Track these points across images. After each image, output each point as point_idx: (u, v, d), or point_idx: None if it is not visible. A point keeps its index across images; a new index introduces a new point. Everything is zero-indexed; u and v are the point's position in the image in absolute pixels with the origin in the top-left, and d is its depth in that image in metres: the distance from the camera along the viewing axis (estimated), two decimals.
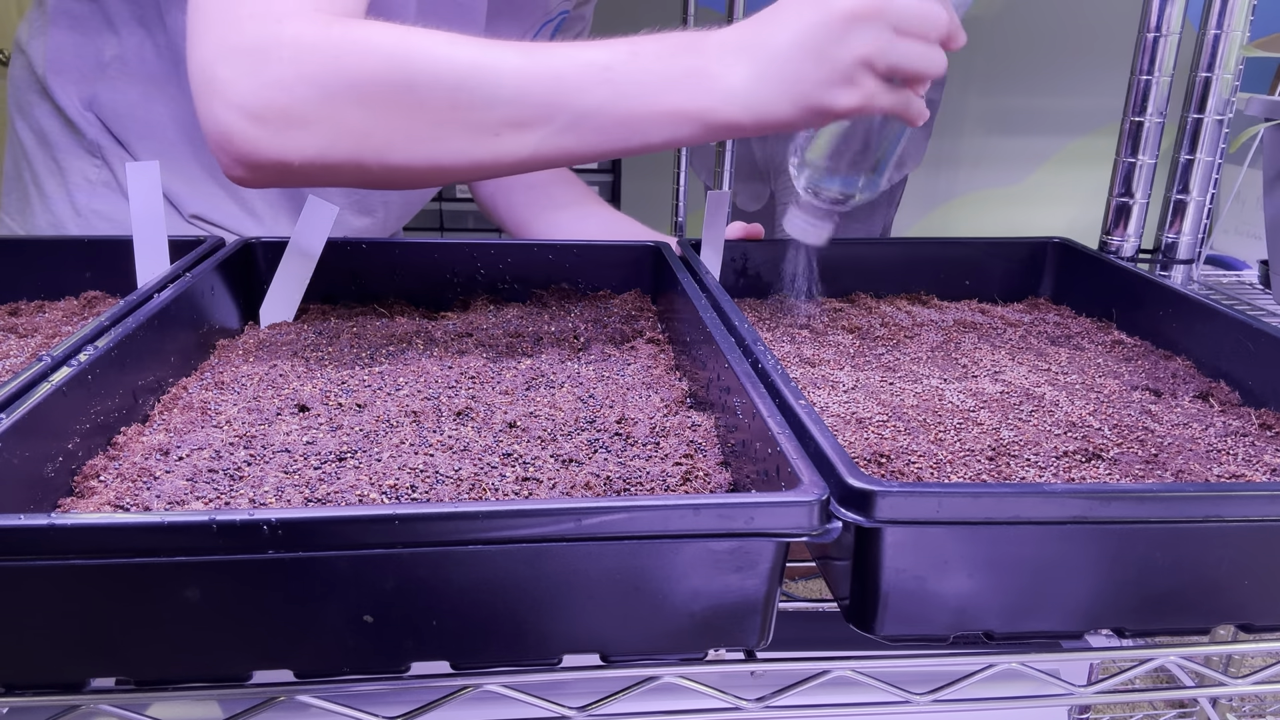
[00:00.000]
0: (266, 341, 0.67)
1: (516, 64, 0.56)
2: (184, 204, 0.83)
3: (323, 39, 0.55)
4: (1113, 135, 0.93)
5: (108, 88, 0.80)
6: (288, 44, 0.55)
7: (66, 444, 0.47)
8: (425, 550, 0.36)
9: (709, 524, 0.38)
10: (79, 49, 0.80)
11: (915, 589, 0.41)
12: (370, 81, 0.55)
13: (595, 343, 0.68)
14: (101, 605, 0.36)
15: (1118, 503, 0.41)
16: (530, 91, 0.56)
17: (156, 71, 0.80)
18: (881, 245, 0.88)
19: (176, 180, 0.83)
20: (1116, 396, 0.61)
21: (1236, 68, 0.89)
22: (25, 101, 0.84)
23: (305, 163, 0.56)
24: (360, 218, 0.89)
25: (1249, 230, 1.29)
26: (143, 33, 0.79)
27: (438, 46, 0.56)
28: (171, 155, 0.81)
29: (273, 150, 0.56)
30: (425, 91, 0.55)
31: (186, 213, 0.84)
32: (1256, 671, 0.48)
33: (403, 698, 0.42)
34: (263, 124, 0.55)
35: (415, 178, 0.59)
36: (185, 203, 0.83)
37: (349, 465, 0.48)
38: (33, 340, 0.64)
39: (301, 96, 0.55)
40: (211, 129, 0.57)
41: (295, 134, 0.55)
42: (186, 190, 0.83)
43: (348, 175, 0.58)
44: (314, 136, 0.56)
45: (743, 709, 0.44)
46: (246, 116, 0.55)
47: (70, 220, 0.82)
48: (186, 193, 0.83)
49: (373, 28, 0.56)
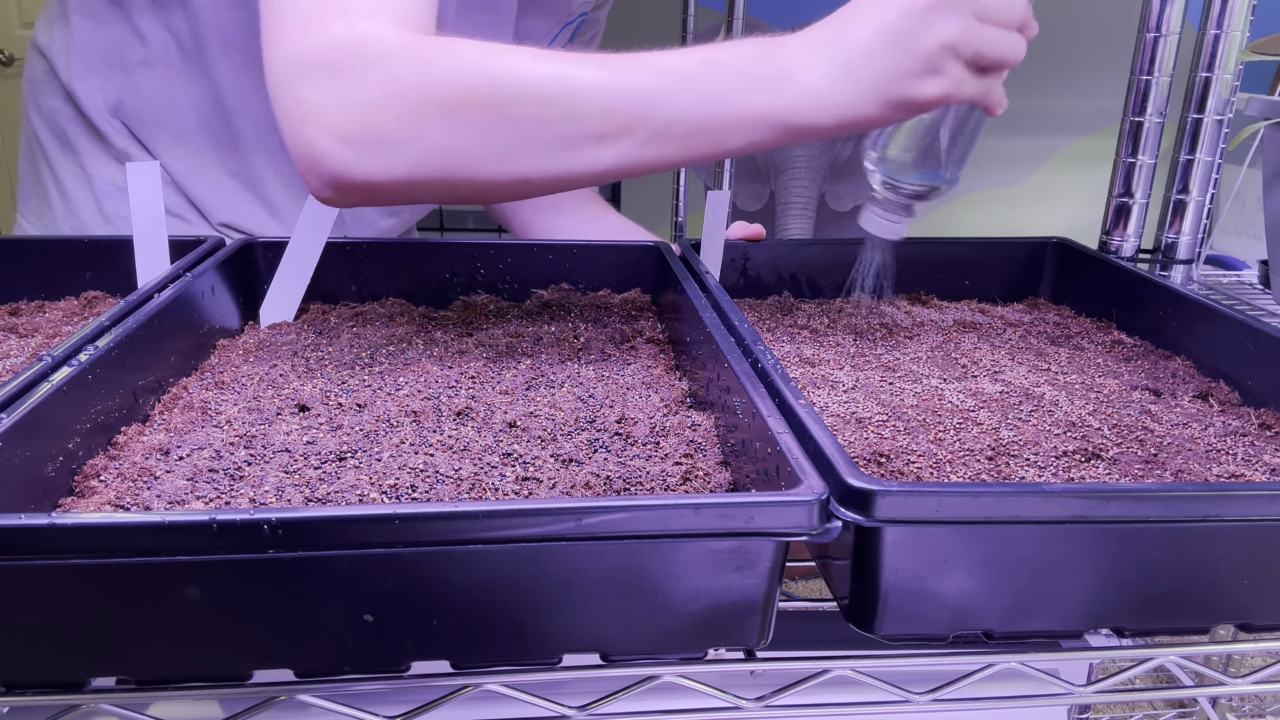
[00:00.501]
0: (266, 341, 0.67)
1: (599, 78, 0.56)
2: (212, 212, 0.83)
3: (412, 57, 0.55)
4: (1113, 135, 0.93)
5: (133, 93, 0.80)
6: (375, 62, 0.54)
7: (67, 444, 0.47)
8: (425, 550, 0.36)
9: (709, 523, 0.38)
10: (103, 53, 0.80)
11: (915, 588, 0.41)
12: (459, 100, 0.55)
13: (595, 343, 0.68)
14: (102, 605, 0.36)
15: (1117, 502, 0.41)
16: (614, 104, 0.56)
17: (179, 66, 0.79)
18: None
19: (203, 187, 0.82)
20: (1116, 396, 0.61)
21: (1236, 68, 0.89)
22: (48, 107, 0.83)
23: (395, 182, 0.56)
24: (387, 218, 0.90)
25: (1249, 230, 1.29)
26: (166, 35, 0.78)
27: (522, 64, 0.56)
28: (198, 161, 0.81)
29: (364, 172, 0.55)
30: (513, 108, 0.55)
31: (215, 221, 0.83)
32: (1256, 671, 0.48)
33: (403, 697, 0.42)
34: (354, 147, 0.55)
35: (500, 192, 0.59)
36: (214, 211, 0.83)
37: (349, 465, 0.48)
38: (33, 340, 0.64)
39: (392, 118, 0.54)
40: (301, 153, 0.56)
41: (386, 155, 0.55)
42: (214, 198, 0.83)
43: (435, 192, 0.58)
44: (404, 157, 0.55)
45: (742, 708, 0.44)
46: (337, 140, 0.54)
47: (98, 226, 0.82)
48: (214, 201, 0.83)
49: (458, 46, 0.56)
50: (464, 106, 0.55)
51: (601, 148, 0.57)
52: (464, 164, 0.56)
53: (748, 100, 0.57)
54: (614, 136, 0.56)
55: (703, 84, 0.57)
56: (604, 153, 0.57)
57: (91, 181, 0.82)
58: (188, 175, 0.82)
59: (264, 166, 0.82)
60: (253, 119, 0.80)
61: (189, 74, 0.79)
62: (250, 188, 0.83)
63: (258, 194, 0.83)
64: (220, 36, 0.77)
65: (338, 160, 0.55)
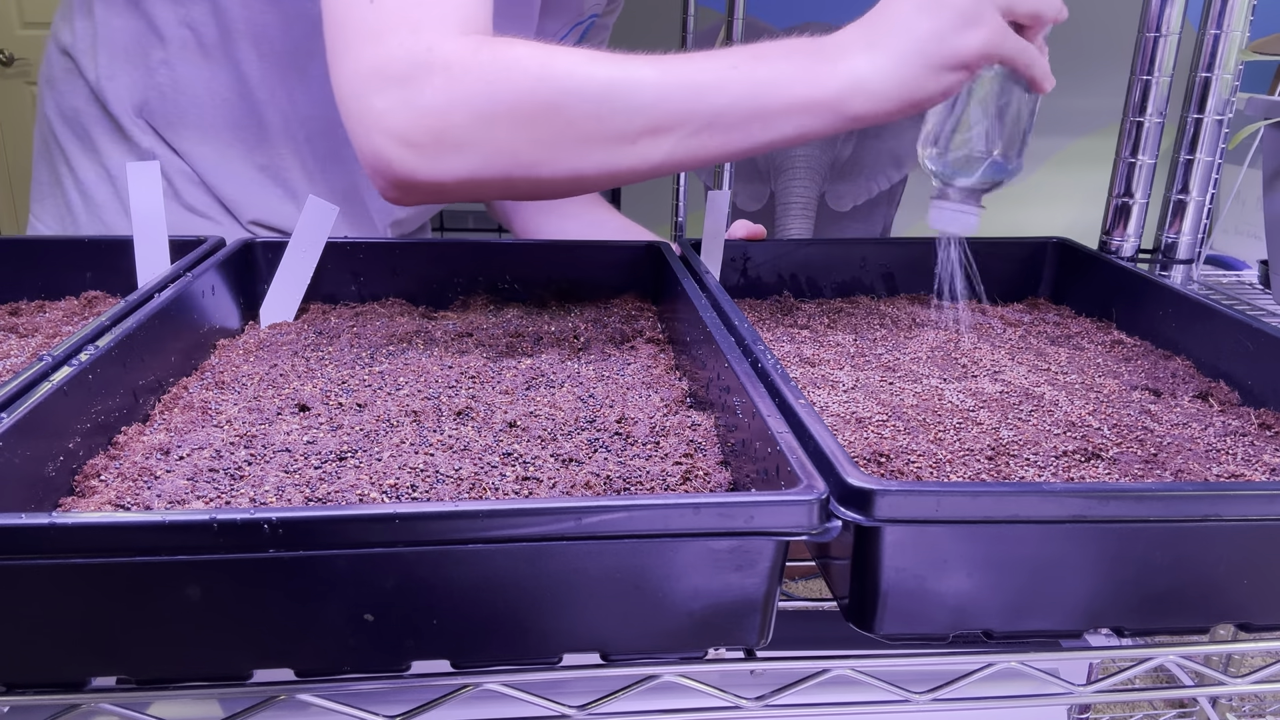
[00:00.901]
0: (267, 341, 0.67)
1: (652, 74, 0.58)
2: (242, 211, 0.83)
3: (474, 63, 0.57)
4: (1113, 135, 0.93)
5: (157, 90, 0.80)
6: (439, 69, 0.56)
7: (67, 443, 0.47)
8: (426, 549, 0.36)
9: (709, 523, 0.38)
10: (128, 48, 0.79)
11: (915, 588, 0.41)
12: (521, 103, 0.57)
13: (595, 343, 0.68)
14: (102, 604, 0.36)
15: (1117, 502, 0.41)
16: (666, 97, 0.58)
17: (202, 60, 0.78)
18: (881, 245, 0.88)
19: (231, 185, 0.82)
20: (1116, 396, 0.61)
21: (1236, 68, 0.89)
22: (70, 106, 0.83)
23: (459, 182, 0.59)
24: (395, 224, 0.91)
25: (1249, 230, 1.29)
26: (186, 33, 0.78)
27: (580, 65, 0.58)
28: (226, 156, 0.81)
29: (429, 173, 0.58)
30: (572, 108, 0.57)
31: (245, 219, 0.83)
32: (1256, 671, 0.48)
33: (403, 696, 0.42)
34: (420, 150, 0.57)
35: (557, 188, 0.61)
36: (243, 209, 0.83)
37: (349, 465, 0.48)
38: (33, 340, 0.64)
39: (457, 122, 0.57)
40: (369, 157, 0.59)
41: (451, 157, 0.57)
42: (242, 196, 0.83)
43: (495, 190, 0.61)
44: (469, 158, 0.58)
45: (742, 708, 0.44)
46: (404, 144, 0.57)
47: (124, 227, 0.81)
48: (243, 197, 0.83)
49: (518, 48, 0.58)
50: (526, 108, 0.57)
51: (655, 141, 0.59)
52: (524, 163, 0.58)
53: (797, 87, 0.59)
54: (666, 129, 0.58)
55: (749, 73, 0.59)
56: (657, 146, 0.59)
57: (115, 183, 0.82)
58: (215, 172, 0.82)
59: (291, 159, 0.82)
60: (281, 110, 0.80)
61: (213, 68, 0.79)
62: (278, 181, 0.83)
63: (285, 188, 0.83)
64: (249, 28, 0.77)
65: (405, 164, 0.58)
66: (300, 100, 0.80)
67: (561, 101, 0.57)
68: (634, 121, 0.58)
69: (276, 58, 0.78)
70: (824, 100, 0.59)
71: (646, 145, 0.59)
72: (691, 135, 0.59)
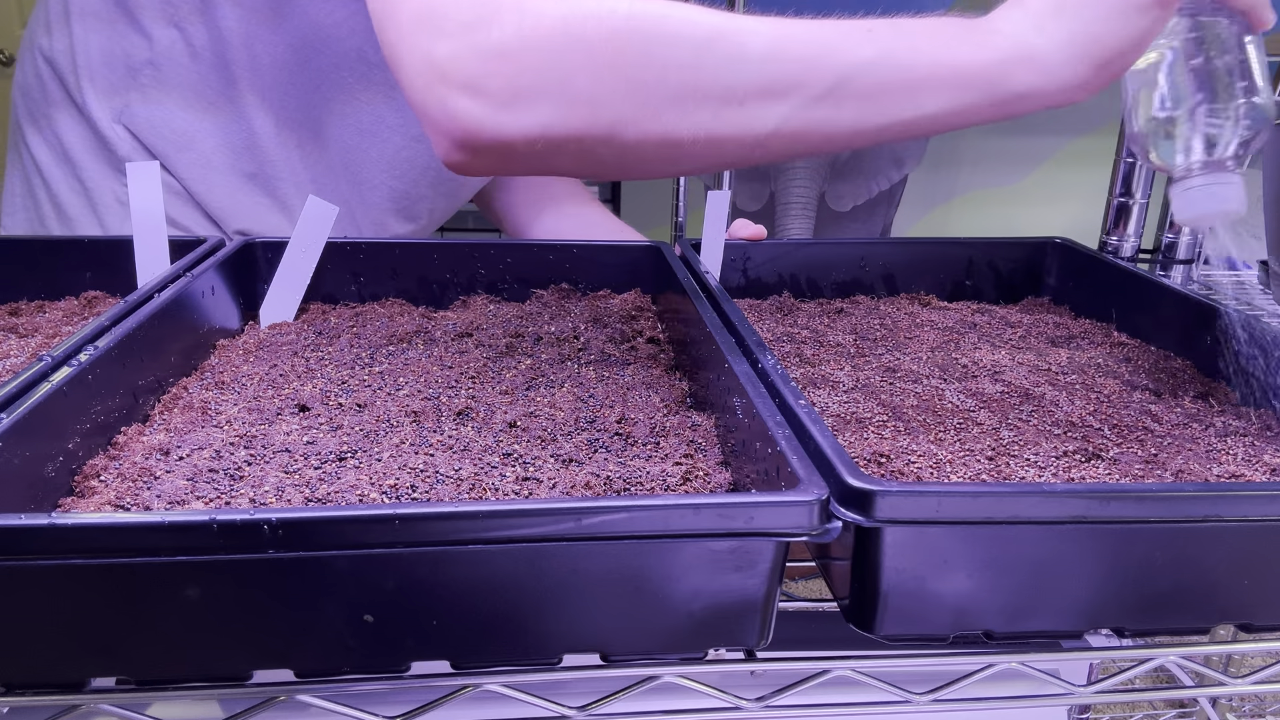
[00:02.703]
0: (266, 341, 0.67)
1: (766, 26, 0.49)
2: (227, 221, 0.81)
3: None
4: (1113, 135, 0.93)
5: (140, 97, 0.77)
6: (510, 7, 0.49)
7: (67, 444, 0.47)
8: (425, 550, 0.36)
9: (709, 524, 0.38)
10: (107, 54, 0.77)
11: (915, 589, 0.41)
12: (603, 43, 0.49)
13: (595, 343, 0.68)
14: (102, 605, 0.36)
15: (1117, 502, 0.41)
16: (785, 50, 0.49)
17: (192, 77, 0.77)
18: (881, 245, 0.88)
19: (217, 196, 0.80)
20: (1116, 396, 0.61)
21: None
22: (44, 114, 0.80)
23: (529, 140, 0.50)
24: (404, 224, 0.88)
25: (1249, 230, 1.29)
26: (174, 33, 0.76)
27: (676, 8, 0.50)
28: (210, 170, 0.79)
29: (497, 128, 0.50)
30: (665, 53, 0.49)
31: (231, 229, 0.81)
32: (1256, 671, 0.48)
33: (403, 697, 0.42)
34: (487, 98, 0.49)
35: (645, 157, 0.52)
36: (229, 220, 0.81)
37: (349, 465, 0.48)
38: (33, 340, 0.64)
39: (528, 65, 0.49)
40: (431, 109, 0.51)
41: (521, 108, 0.49)
42: (229, 206, 0.81)
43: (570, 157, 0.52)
44: (542, 110, 0.49)
45: (743, 709, 0.44)
46: (470, 93, 0.49)
47: None
48: (229, 209, 0.81)
49: None
50: (609, 50, 0.49)
51: (766, 104, 0.50)
52: (605, 119, 0.50)
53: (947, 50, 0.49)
54: (782, 91, 0.49)
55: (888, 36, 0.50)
56: (769, 111, 0.50)
57: (91, 195, 0.80)
58: (200, 182, 0.80)
59: (281, 166, 0.81)
60: (272, 117, 0.78)
61: (199, 73, 0.77)
62: (268, 190, 0.81)
63: (274, 196, 0.82)
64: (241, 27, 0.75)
65: (471, 117, 0.50)
66: (293, 106, 0.78)
67: (651, 45, 0.48)
68: (741, 76, 0.49)
69: (270, 61, 0.76)
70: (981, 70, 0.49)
71: (756, 108, 0.49)
72: (813, 102, 0.49)
